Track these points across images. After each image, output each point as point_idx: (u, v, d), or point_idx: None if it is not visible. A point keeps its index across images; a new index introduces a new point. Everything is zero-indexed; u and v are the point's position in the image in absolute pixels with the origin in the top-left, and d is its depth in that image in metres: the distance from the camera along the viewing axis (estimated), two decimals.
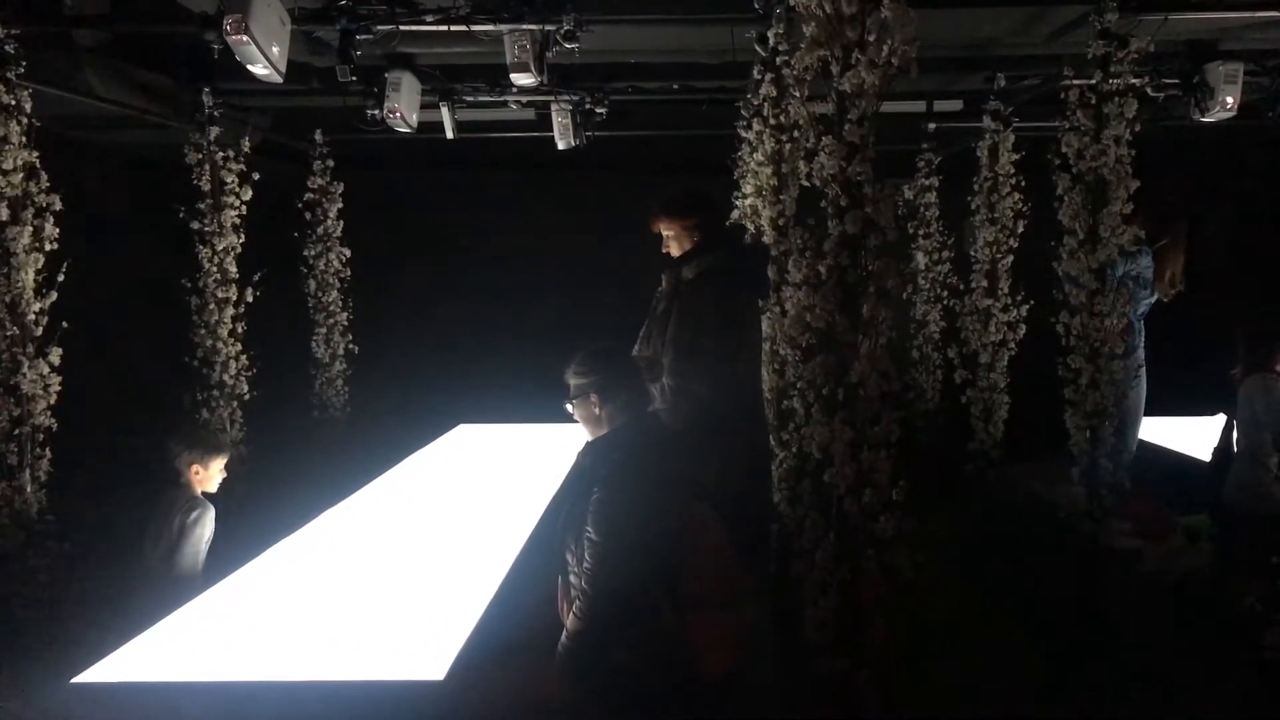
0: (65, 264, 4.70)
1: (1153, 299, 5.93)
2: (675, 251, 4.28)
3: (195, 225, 6.18)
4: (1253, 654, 3.51)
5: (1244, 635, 3.61)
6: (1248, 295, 5.41)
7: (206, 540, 4.21)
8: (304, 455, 7.44)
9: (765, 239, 4.80)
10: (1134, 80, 5.02)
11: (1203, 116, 6.00)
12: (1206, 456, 5.55)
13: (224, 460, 4.39)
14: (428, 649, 3.12)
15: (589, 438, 3.20)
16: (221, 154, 6.20)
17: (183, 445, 4.32)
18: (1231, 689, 3.90)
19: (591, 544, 2.93)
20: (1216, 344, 5.71)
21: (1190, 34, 5.87)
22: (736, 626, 3.10)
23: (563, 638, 3.02)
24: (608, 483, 2.97)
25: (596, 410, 3.14)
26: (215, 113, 6.18)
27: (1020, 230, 6.91)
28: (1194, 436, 6.20)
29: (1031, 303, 6.72)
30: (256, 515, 5.30)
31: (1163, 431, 6.64)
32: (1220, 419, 5.47)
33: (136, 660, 3.14)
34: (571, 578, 3.04)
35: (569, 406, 3.21)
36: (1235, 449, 4.99)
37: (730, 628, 3.08)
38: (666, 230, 4.29)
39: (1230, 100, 5.87)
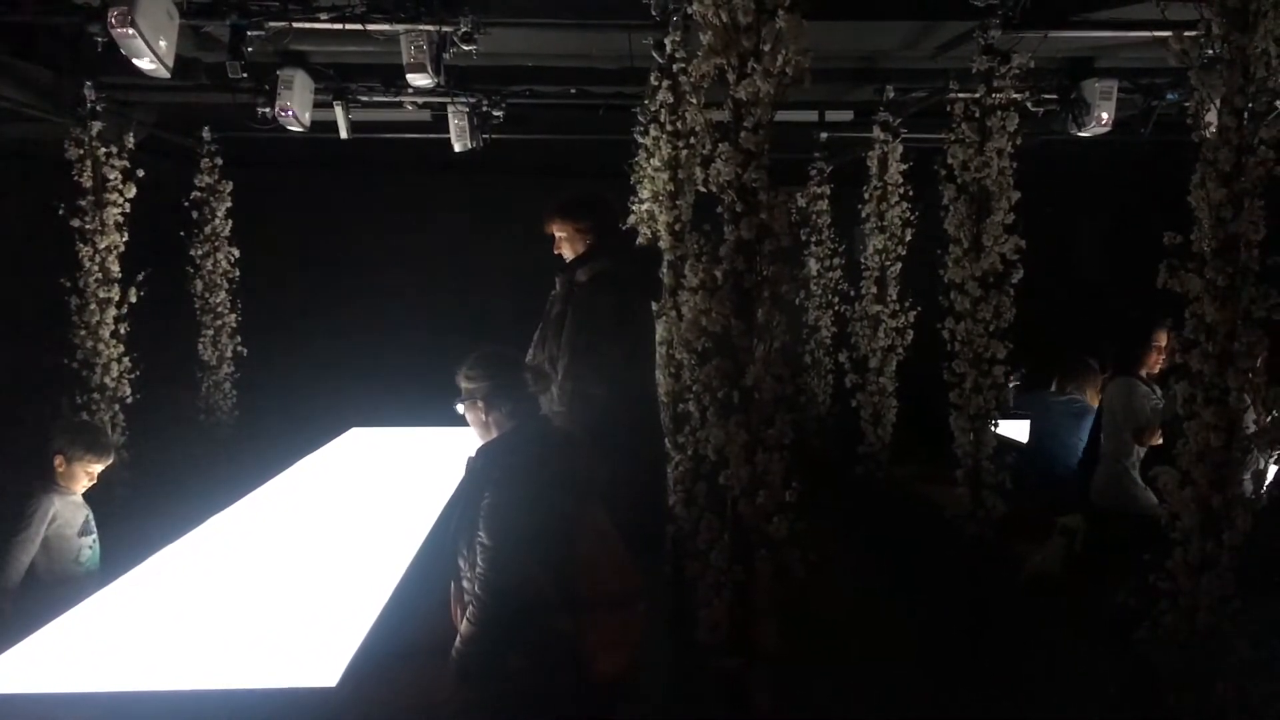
0: None
1: None
2: (568, 254, 4.28)
3: (76, 223, 5.99)
4: (1126, 648, 3.65)
5: (1118, 631, 3.75)
6: (1121, 302, 5.64)
7: (36, 536, 3.97)
8: (189, 460, 7.25)
9: (662, 244, 4.85)
10: (1015, 95, 5.21)
11: (1079, 131, 6.24)
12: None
13: (95, 464, 4.16)
14: (320, 655, 3.07)
15: (481, 441, 3.19)
16: (104, 150, 6.03)
17: (59, 432, 4.16)
18: (1107, 683, 4.06)
19: (483, 548, 2.92)
20: (1093, 349, 5.94)
21: (1068, 52, 6.11)
22: (631, 628, 3.11)
23: (456, 642, 3.00)
24: (499, 486, 2.96)
25: (483, 416, 3.13)
26: (98, 107, 6.00)
27: (908, 238, 7.09)
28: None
29: (919, 309, 6.89)
30: (140, 521, 5.13)
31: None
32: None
33: (11, 671, 3.03)
34: (464, 582, 3.02)
35: (459, 408, 3.19)
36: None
37: (625, 629, 3.09)
38: (560, 232, 4.29)
39: (1105, 116, 6.11)
